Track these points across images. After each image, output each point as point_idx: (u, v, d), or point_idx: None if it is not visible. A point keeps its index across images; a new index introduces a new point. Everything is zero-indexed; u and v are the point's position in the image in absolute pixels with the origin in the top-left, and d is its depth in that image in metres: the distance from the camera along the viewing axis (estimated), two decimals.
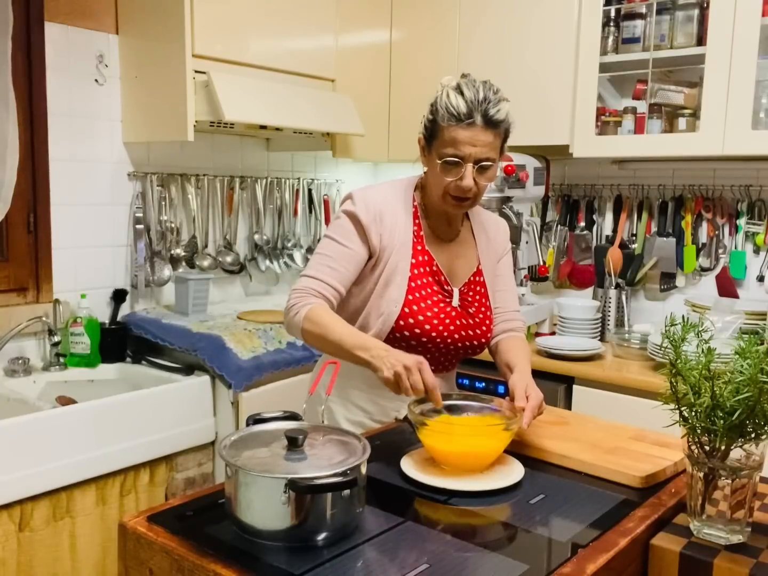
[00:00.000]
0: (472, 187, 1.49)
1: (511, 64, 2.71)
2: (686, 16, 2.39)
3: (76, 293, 2.47)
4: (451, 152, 1.48)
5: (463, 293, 1.64)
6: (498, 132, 1.50)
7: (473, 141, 1.46)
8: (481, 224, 1.73)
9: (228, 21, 2.44)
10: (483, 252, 1.70)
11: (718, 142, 2.28)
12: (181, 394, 2.27)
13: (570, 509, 1.18)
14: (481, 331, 1.64)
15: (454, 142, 1.47)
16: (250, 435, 1.18)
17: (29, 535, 1.92)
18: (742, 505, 1.07)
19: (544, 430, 1.50)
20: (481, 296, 1.67)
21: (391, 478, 1.29)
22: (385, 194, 1.61)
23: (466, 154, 1.47)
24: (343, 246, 1.55)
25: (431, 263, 1.61)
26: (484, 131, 1.47)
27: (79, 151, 2.50)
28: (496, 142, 1.50)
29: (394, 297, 1.55)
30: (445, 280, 1.62)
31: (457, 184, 1.50)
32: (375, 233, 1.55)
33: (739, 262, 2.59)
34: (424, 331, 1.56)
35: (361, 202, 1.57)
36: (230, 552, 1.02)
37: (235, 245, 2.97)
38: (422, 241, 1.61)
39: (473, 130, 1.46)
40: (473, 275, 1.67)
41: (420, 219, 1.63)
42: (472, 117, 1.46)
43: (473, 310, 1.64)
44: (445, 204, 1.56)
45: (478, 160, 1.48)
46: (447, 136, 1.48)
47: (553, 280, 2.97)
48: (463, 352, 1.65)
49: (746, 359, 1.02)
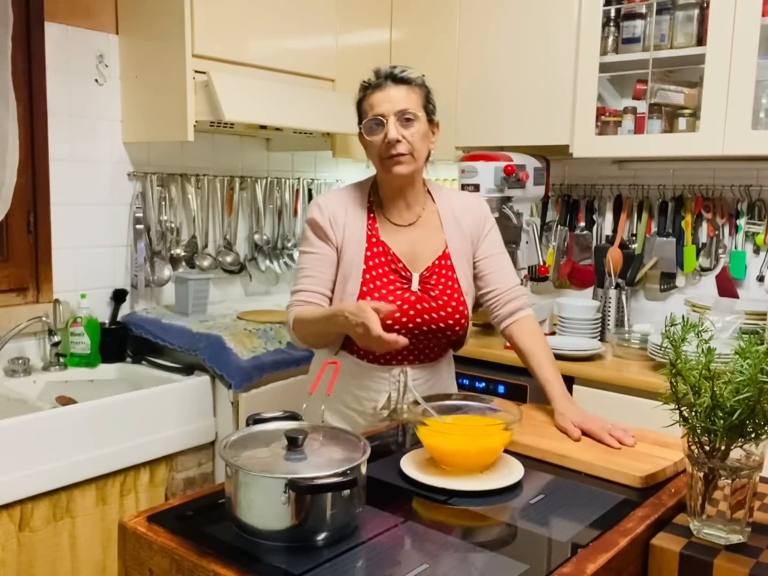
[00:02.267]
0: (397, 137, 1.57)
1: (511, 64, 2.71)
2: (686, 16, 2.38)
3: (76, 293, 2.47)
4: (371, 114, 1.60)
5: (425, 277, 1.66)
6: (412, 88, 1.61)
7: (387, 98, 1.59)
8: (450, 207, 1.74)
9: (228, 21, 2.44)
10: (450, 234, 1.71)
11: (718, 142, 2.28)
12: (181, 394, 2.27)
13: (570, 509, 1.18)
14: (445, 312, 1.65)
15: (371, 106, 1.61)
16: (250, 435, 1.18)
17: (29, 535, 1.92)
18: (742, 505, 1.07)
19: (544, 430, 1.50)
20: (448, 279, 1.67)
21: (391, 478, 1.29)
22: (340, 195, 1.72)
23: (384, 110, 1.58)
24: (311, 253, 1.68)
25: (386, 253, 1.66)
26: (396, 87, 1.60)
27: (79, 151, 2.50)
28: (412, 96, 1.61)
29: (350, 291, 1.64)
30: (403, 266, 1.66)
31: (386, 142, 1.58)
32: (332, 233, 1.67)
33: (739, 262, 2.59)
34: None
35: (316, 207, 1.69)
36: (230, 552, 1.02)
37: (235, 245, 2.98)
38: (377, 232, 1.68)
39: (385, 90, 1.60)
40: (438, 258, 1.68)
41: (375, 212, 1.70)
42: (380, 79, 1.61)
43: (436, 293, 1.65)
44: (386, 172, 1.63)
45: (397, 112, 1.58)
46: (366, 105, 1.63)
47: (553, 280, 2.97)
48: (433, 336, 1.67)
49: (746, 359, 1.02)
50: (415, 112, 1.59)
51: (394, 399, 1.69)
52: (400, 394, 1.69)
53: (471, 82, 2.82)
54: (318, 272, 1.66)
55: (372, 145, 1.61)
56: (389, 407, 1.70)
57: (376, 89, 1.61)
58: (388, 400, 1.69)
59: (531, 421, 1.55)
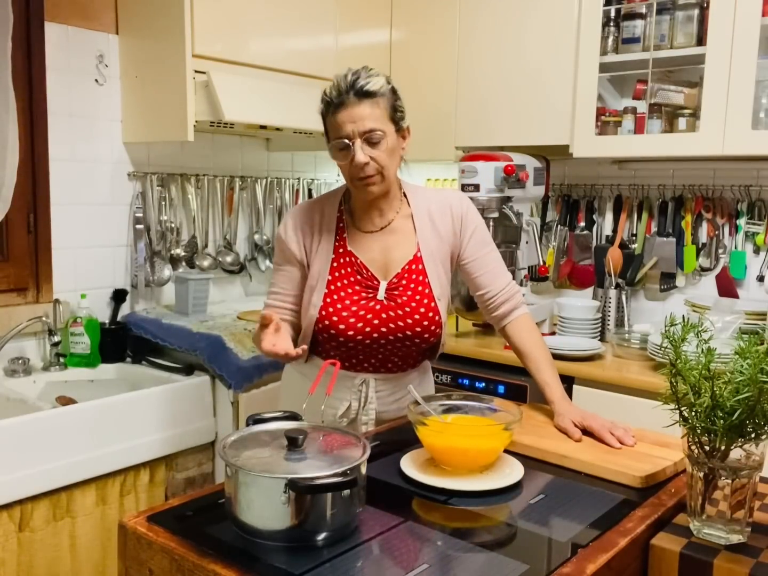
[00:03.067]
0: (365, 161, 1.51)
1: (511, 64, 2.71)
2: (686, 16, 2.38)
3: (76, 293, 2.47)
4: (336, 136, 1.53)
5: (393, 284, 1.61)
6: (375, 102, 1.51)
7: (351, 117, 1.50)
8: (426, 208, 1.67)
9: (228, 21, 2.44)
10: (424, 237, 1.65)
11: (718, 142, 2.28)
12: (181, 394, 2.27)
13: (570, 509, 1.18)
14: (413, 319, 1.60)
15: (335, 127, 1.53)
16: (250, 435, 1.18)
17: (29, 535, 1.93)
18: (742, 505, 1.07)
19: (544, 430, 1.50)
20: (418, 284, 1.62)
21: (391, 478, 1.29)
22: (311, 208, 1.70)
23: (349, 131, 1.50)
24: (279, 269, 1.71)
25: (353, 264, 1.63)
26: (359, 104, 1.50)
27: (79, 151, 2.51)
28: (376, 112, 1.51)
29: (315, 302, 1.62)
30: (370, 275, 1.62)
31: (353, 165, 1.52)
32: (297, 248, 1.66)
33: (739, 262, 2.59)
34: (340, 331, 1.60)
35: (283, 224, 1.69)
36: (230, 552, 1.02)
37: (235, 245, 2.98)
38: (344, 243, 1.64)
39: (348, 108, 1.50)
40: (408, 263, 1.63)
41: (345, 222, 1.67)
42: (341, 96, 1.51)
43: (404, 299, 1.60)
44: (357, 190, 1.59)
45: (363, 133, 1.50)
46: (330, 125, 1.55)
47: (553, 280, 2.97)
48: (401, 345, 1.63)
49: (746, 359, 1.01)
50: (382, 129, 1.51)
51: (354, 409, 1.67)
52: (360, 404, 1.66)
53: (471, 82, 2.82)
54: (281, 288, 1.70)
55: (342, 166, 1.57)
56: (348, 416, 1.67)
57: (339, 107, 1.51)
58: (347, 410, 1.66)
59: (531, 421, 1.55)
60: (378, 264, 1.64)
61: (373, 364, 1.66)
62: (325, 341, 1.65)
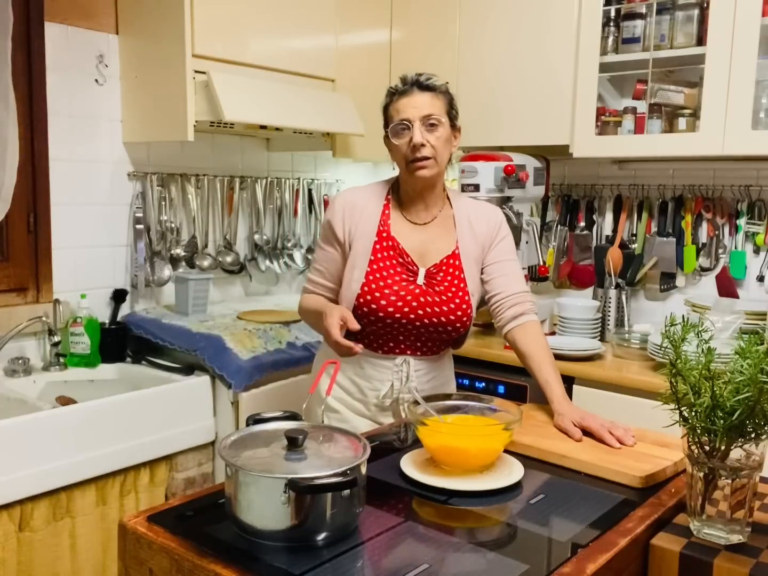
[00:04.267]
0: (422, 141, 1.64)
1: (511, 64, 2.71)
2: (686, 16, 2.38)
3: (76, 293, 2.47)
4: (398, 119, 1.67)
5: (431, 273, 1.72)
6: (436, 95, 1.68)
7: (413, 103, 1.66)
8: (466, 212, 1.80)
9: (228, 21, 2.44)
10: (462, 237, 1.76)
11: (718, 142, 2.28)
12: (181, 394, 2.27)
13: (570, 509, 1.18)
14: (448, 308, 1.71)
15: (398, 111, 1.68)
16: (250, 435, 1.18)
17: (29, 535, 1.92)
18: (742, 505, 1.07)
19: (544, 430, 1.50)
20: (454, 277, 1.73)
21: (391, 478, 1.29)
22: (361, 191, 1.81)
23: (410, 115, 1.66)
24: (322, 249, 1.81)
25: (395, 247, 1.73)
26: (422, 94, 1.67)
27: (79, 151, 2.50)
28: (436, 102, 1.68)
29: (356, 278, 1.72)
30: (411, 261, 1.72)
31: (411, 145, 1.65)
32: (341, 229, 1.75)
33: (739, 262, 2.59)
34: (382, 307, 1.68)
35: (332, 205, 1.79)
36: (230, 552, 1.02)
37: (235, 245, 2.97)
38: (388, 228, 1.75)
39: (411, 96, 1.67)
40: (447, 257, 1.74)
41: (391, 209, 1.77)
42: (406, 86, 1.68)
43: (441, 288, 1.71)
44: (410, 174, 1.70)
45: (423, 117, 1.65)
46: (393, 110, 1.70)
47: (553, 280, 2.97)
48: (434, 330, 1.72)
49: (746, 359, 1.02)
50: (439, 117, 1.66)
51: (396, 388, 1.75)
52: (402, 383, 1.74)
53: (471, 82, 2.82)
54: (324, 267, 1.80)
55: (397, 148, 1.69)
56: (392, 396, 1.75)
57: (402, 95, 1.67)
58: (390, 389, 1.74)
59: (531, 421, 1.55)
60: (417, 253, 1.74)
61: (408, 346, 1.75)
62: (363, 316, 1.71)
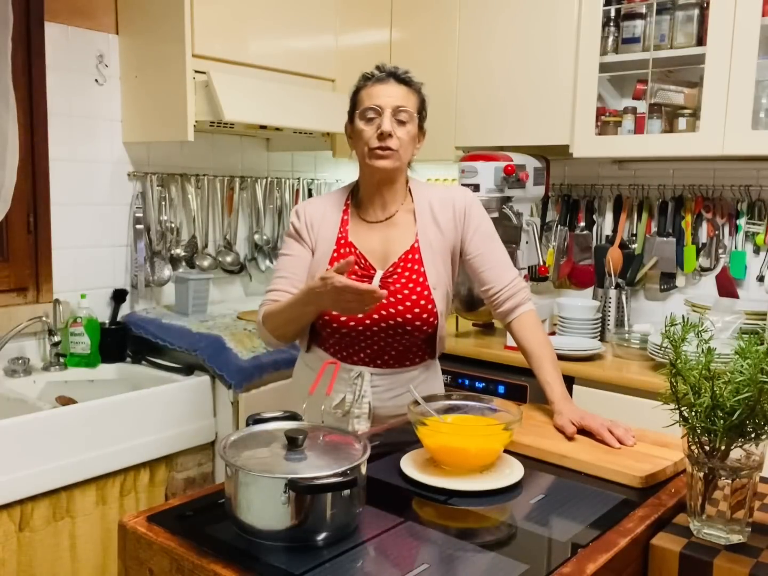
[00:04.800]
0: (390, 130, 1.59)
1: (511, 64, 2.71)
2: (686, 16, 2.38)
3: (76, 293, 2.47)
4: (369, 104, 1.62)
5: (388, 273, 1.66)
6: (411, 91, 1.65)
7: (387, 92, 1.62)
8: (428, 202, 1.71)
9: (228, 21, 2.44)
10: (423, 229, 1.69)
11: (718, 142, 2.28)
12: (181, 394, 2.27)
13: (570, 509, 1.18)
14: (404, 306, 1.63)
15: (370, 96, 1.63)
16: (250, 435, 1.18)
17: (29, 535, 1.93)
18: (742, 505, 1.07)
19: (544, 430, 1.50)
20: (413, 272, 1.66)
21: (391, 478, 1.29)
22: (319, 201, 1.77)
23: (383, 102, 1.61)
24: (286, 255, 1.73)
25: (352, 253, 1.68)
26: (397, 86, 1.63)
27: (79, 151, 2.51)
28: (411, 97, 1.64)
29: None
30: (368, 265, 1.67)
31: (378, 132, 1.59)
32: (307, 236, 1.71)
33: (739, 262, 2.59)
34: (333, 317, 1.63)
35: (295, 214, 1.75)
36: (230, 552, 1.02)
37: (235, 245, 2.98)
38: (346, 234, 1.70)
39: (386, 84, 1.63)
40: (405, 252, 1.67)
41: (350, 213, 1.73)
42: (382, 74, 1.64)
43: (398, 286, 1.64)
44: (370, 160, 1.63)
45: (394, 108, 1.60)
46: (365, 94, 1.64)
47: (553, 280, 2.97)
48: (393, 332, 1.65)
49: (746, 359, 1.01)
50: (411, 112, 1.62)
51: (348, 401, 1.67)
52: (355, 396, 1.67)
53: (471, 82, 2.82)
54: (291, 273, 1.70)
55: (361, 135, 1.62)
56: (342, 408, 1.67)
57: (377, 82, 1.63)
58: (342, 401, 1.67)
59: (531, 421, 1.55)
60: (377, 254, 1.68)
61: (369, 355, 1.68)
62: (321, 328, 1.68)
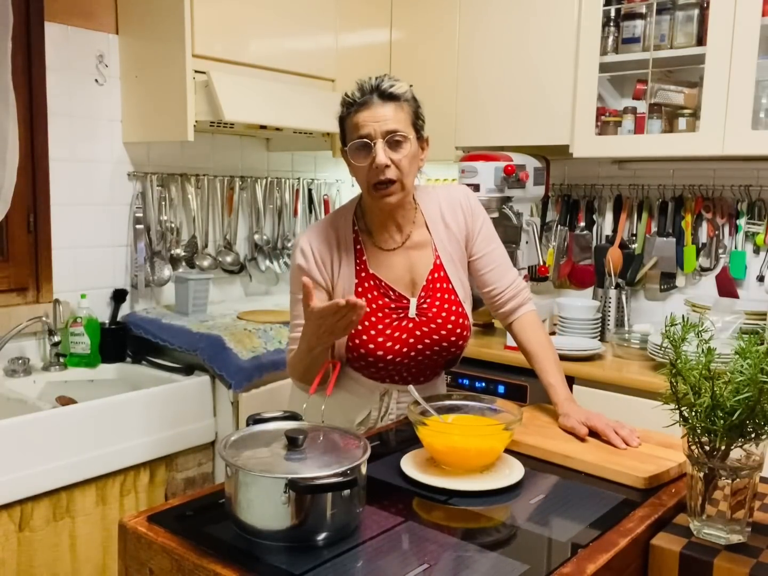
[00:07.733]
0: (385, 162, 1.45)
1: (511, 64, 2.71)
2: (686, 16, 2.38)
3: (76, 293, 2.47)
4: (357, 135, 1.47)
5: (422, 298, 1.59)
6: (400, 105, 1.48)
7: (374, 117, 1.46)
8: (438, 209, 1.63)
9: (228, 21, 2.44)
10: (440, 242, 1.62)
11: (718, 142, 2.28)
12: (181, 394, 2.27)
13: (570, 509, 1.18)
14: (446, 330, 1.59)
15: (357, 126, 1.47)
16: (250, 435, 1.18)
17: (29, 535, 1.92)
18: (742, 505, 1.07)
19: (546, 430, 1.50)
20: (444, 292, 1.60)
21: (391, 478, 1.29)
22: (323, 231, 1.61)
23: (371, 131, 1.46)
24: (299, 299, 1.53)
25: (377, 286, 1.58)
26: (383, 105, 1.46)
27: (79, 151, 2.50)
28: (400, 114, 1.48)
29: None
30: (398, 295, 1.59)
31: (373, 167, 1.46)
32: (320, 276, 1.58)
33: (739, 262, 2.59)
34: (373, 352, 1.56)
35: (300, 254, 1.59)
36: (230, 552, 1.02)
37: (235, 245, 2.97)
38: (365, 265, 1.59)
39: (371, 108, 1.46)
40: (431, 273, 1.60)
41: (362, 241, 1.60)
42: (365, 96, 1.47)
43: (434, 311, 1.59)
44: (374, 199, 1.52)
45: (385, 133, 1.45)
46: (351, 124, 1.49)
47: (553, 280, 2.97)
48: (437, 357, 1.62)
49: (746, 359, 1.01)
50: (404, 133, 1.47)
51: (373, 418, 1.65)
52: (380, 413, 1.64)
53: (471, 82, 2.82)
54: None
55: (358, 171, 1.50)
56: (366, 425, 1.65)
57: (361, 107, 1.47)
58: (366, 418, 1.65)
59: (535, 422, 1.55)
60: (405, 282, 1.60)
61: (403, 377, 1.63)
62: (355, 360, 1.60)
